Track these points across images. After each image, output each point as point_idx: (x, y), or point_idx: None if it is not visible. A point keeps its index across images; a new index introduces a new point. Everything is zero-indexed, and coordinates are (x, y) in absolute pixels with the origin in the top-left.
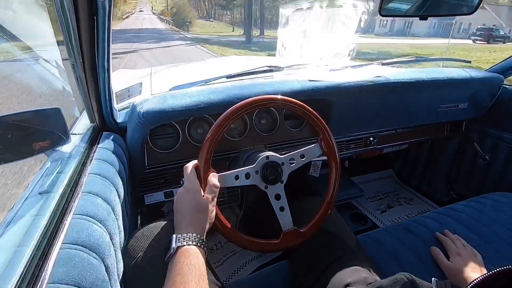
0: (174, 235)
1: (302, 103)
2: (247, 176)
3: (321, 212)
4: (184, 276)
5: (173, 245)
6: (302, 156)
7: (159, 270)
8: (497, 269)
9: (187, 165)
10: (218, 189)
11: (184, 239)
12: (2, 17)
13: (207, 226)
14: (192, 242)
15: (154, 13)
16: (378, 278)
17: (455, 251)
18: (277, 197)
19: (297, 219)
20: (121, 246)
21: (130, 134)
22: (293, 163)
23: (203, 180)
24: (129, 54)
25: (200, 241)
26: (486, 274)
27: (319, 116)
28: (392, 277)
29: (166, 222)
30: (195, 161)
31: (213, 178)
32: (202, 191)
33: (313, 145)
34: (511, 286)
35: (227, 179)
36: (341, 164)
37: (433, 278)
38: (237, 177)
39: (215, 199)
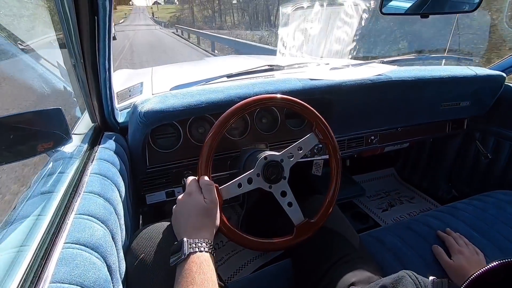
0: (185, 239)
1: (291, 98)
2: (250, 181)
3: (329, 197)
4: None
5: (185, 251)
6: (300, 148)
7: (162, 271)
8: (497, 262)
9: (188, 177)
10: (213, 187)
11: (196, 245)
12: (4, 17)
13: (214, 230)
14: (204, 248)
15: (160, 24)
16: (381, 276)
17: (457, 249)
18: (283, 194)
19: (305, 214)
20: (123, 245)
21: (131, 134)
22: (292, 157)
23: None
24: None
25: (211, 247)
26: (486, 268)
27: (310, 107)
28: (394, 275)
29: (169, 222)
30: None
31: (208, 180)
32: (203, 195)
33: (308, 135)
34: (511, 279)
35: (230, 189)
36: (343, 161)
37: (430, 277)
38: (240, 185)
39: (217, 202)
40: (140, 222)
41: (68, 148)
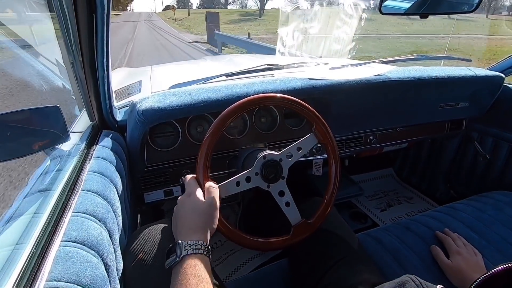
0: (180, 242)
1: (291, 97)
2: (248, 180)
3: (327, 198)
4: None
5: (179, 253)
6: (299, 148)
7: (160, 271)
8: (502, 266)
9: (187, 175)
10: (217, 191)
11: (190, 247)
12: (3, 16)
13: (211, 232)
14: (199, 250)
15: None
16: (380, 278)
17: (455, 250)
18: (281, 193)
19: (303, 215)
20: (121, 244)
21: (129, 133)
22: (291, 157)
23: (202, 185)
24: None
25: (206, 249)
26: (490, 272)
27: (310, 107)
28: (397, 280)
29: (167, 223)
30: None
31: (210, 183)
32: (203, 196)
33: (308, 135)
34: None
35: (228, 187)
36: (341, 161)
37: (438, 286)
38: (238, 183)
39: (217, 204)
40: (138, 220)
41: (66, 146)
